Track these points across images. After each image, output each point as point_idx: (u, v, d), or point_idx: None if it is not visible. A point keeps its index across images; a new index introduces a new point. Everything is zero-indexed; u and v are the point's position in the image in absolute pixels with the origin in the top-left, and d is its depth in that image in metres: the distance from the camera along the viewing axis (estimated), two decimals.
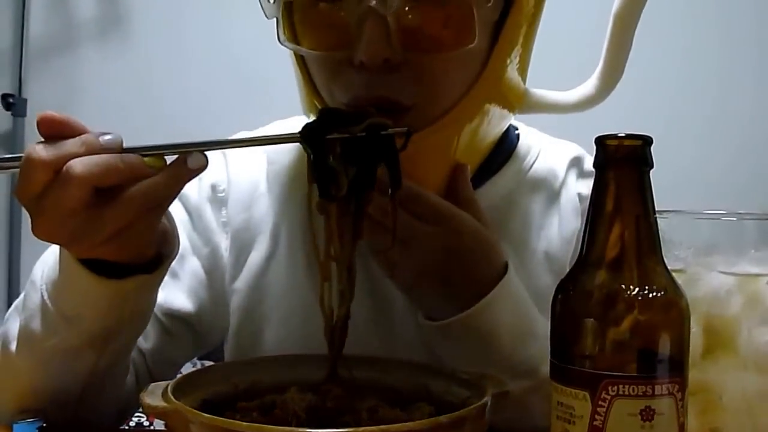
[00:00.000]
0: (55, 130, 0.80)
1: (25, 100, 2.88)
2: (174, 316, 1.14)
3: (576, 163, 1.24)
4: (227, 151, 1.22)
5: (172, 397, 0.76)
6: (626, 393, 0.67)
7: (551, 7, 1.07)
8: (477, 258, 0.99)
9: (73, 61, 2.95)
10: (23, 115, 2.87)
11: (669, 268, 0.72)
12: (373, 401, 0.83)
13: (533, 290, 1.08)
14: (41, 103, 2.88)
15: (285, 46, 1.03)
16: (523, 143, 1.22)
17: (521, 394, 0.96)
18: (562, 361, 0.71)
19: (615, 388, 0.67)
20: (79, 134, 0.80)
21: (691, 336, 0.72)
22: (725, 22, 3.00)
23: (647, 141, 0.72)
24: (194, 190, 1.18)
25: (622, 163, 0.72)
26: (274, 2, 1.01)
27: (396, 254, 0.96)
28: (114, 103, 2.90)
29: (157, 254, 0.93)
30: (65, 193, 0.77)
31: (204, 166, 0.83)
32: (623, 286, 0.70)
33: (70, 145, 0.79)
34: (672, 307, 0.71)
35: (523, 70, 1.09)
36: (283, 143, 0.90)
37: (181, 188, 0.85)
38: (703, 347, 0.82)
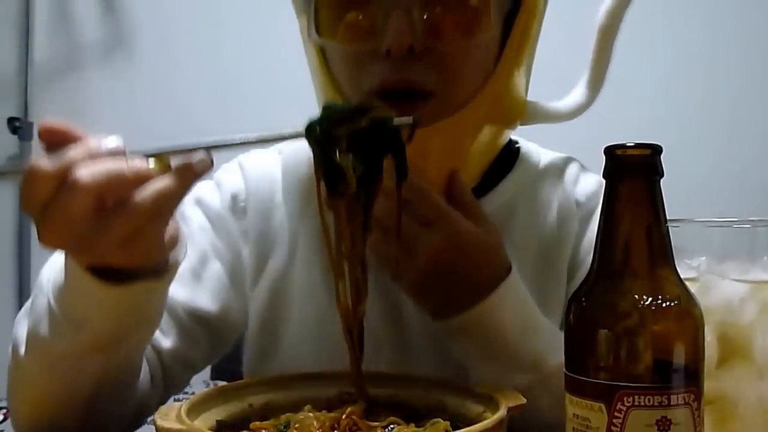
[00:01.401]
0: (56, 139, 0.79)
1: (32, 124, 2.87)
2: (196, 316, 1.15)
3: (572, 170, 1.28)
4: (244, 163, 1.26)
5: (186, 419, 0.76)
6: (642, 404, 0.67)
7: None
8: (477, 260, 1.02)
9: (78, 83, 2.94)
10: (29, 138, 2.86)
11: (682, 276, 0.72)
12: (388, 418, 0.82)
13: (534, 288, 1.11)
14: None
15: (315, 41, 1.10)
16: (523, 155, 1.27)
17: (528, 387, 0.97)
18: (576, 373, 0.71)
19: (630, 398, 0.67)
20: (81, 141, 0.79)
21: (705, 345, 0.71)
22: (742, 32, 3.00)
23: (657, 150, 0.71)
24: (216, 198, 1.23)
25: (632, 173, 0.71)
26: None
27: (400, 256, 1.00)
28: (120, 125, 2.88)
29: (164, 258, 0.93)
30: (72, 202, 0.77)
31: (209, 167, 0.83)
32: (636, 296, 0.70)
33: (73, 153, 0.78)
34: (686, 317, 0.70)
35: (527, 75, 1.17)
36: (286, 140, 0.89)
37: (188, 190, 0.84)
38: (718, 356, 0.82)
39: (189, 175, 0.82)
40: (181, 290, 1.13)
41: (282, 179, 1.24)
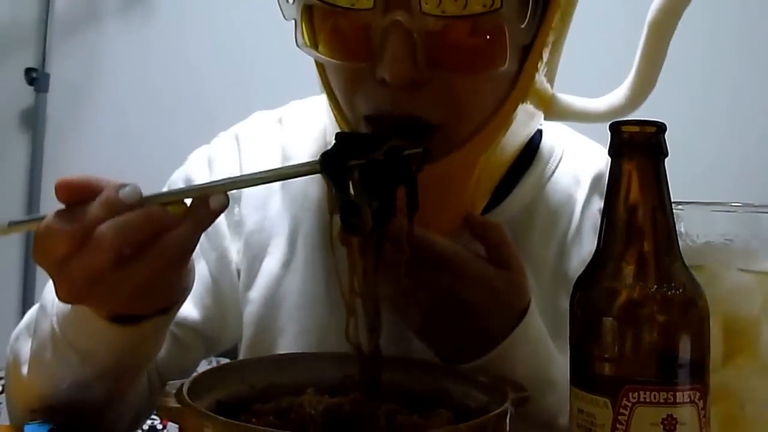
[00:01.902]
0: (73, 196, 0.78)
1: (48, 75, 2.87)
2: (181, 324, 1.10)
3: (599, 180, 1.16)
4: (241, 136, 1.19)
5: (186, 399, 0.75)
6: (648, 400, 0.66)
7: (582, 12, 1.03)
8: (487, 306, 0.93)
9: (97, 35, 2.95)
10: (46, 90, 2.87)
11: (686, 263, 0.71)
12: (391, 405, 0.81)
13: (549, 310, 1.05)
14: (64, 78, 2.88)
15: (303, 50, 0.97)
16: (545, 143, 1.16)
17: None
18: (581, 365, 0.70)
19: (636, 394, 0.66)
20: (98, 193, 0.78)
21: (710, 339, 0.70)
22: (746, 13, 2.98)
23: (661, 128, 0.71)
24: (206, 180, 1.09)
25: (637, 150, 0.71)
26: (293, 3, 0.95)
27: (404, 297, 0.92)
28: (138, 78, 2.90)
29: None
30: (94, 259, 0.76)
31: (226, 206, 0.82)
32: (641, 283, 0.69)
33: (93, 210, 0.77)
34: (691, 305, 0.69)
35: (551, 79, 1.04)
36: (303, 175, 0.86)
37: (205, 230, 0.83)
38: (723, 351, 0.79)
39: (205, 215, 0.82)
40: None
41: (281, 160, 1.14)
